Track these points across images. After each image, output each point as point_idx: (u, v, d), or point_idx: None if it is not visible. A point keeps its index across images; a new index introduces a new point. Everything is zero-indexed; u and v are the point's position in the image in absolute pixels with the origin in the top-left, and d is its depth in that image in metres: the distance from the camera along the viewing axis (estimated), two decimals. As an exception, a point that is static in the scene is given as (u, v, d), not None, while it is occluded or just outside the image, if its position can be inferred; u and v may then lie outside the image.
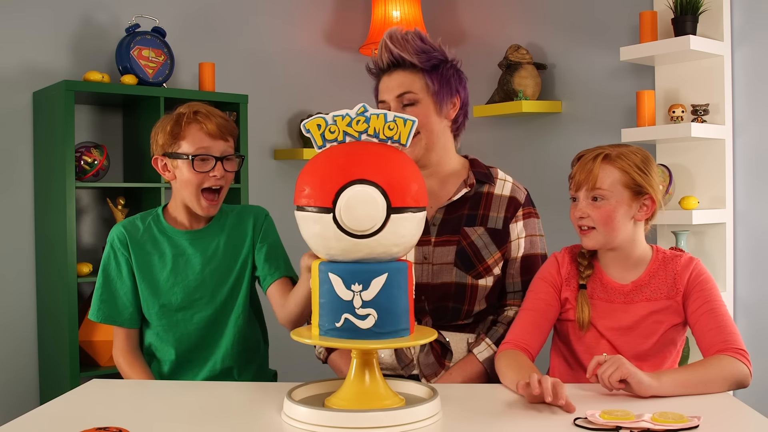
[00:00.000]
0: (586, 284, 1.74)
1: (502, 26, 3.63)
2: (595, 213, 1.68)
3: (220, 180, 1.90)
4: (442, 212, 1.91)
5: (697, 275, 1.69)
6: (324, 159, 1.40)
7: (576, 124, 3.34)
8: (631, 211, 1.69)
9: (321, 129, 1.41)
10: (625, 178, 1.67)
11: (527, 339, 1.72)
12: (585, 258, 1.76)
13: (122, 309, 1.94)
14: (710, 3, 2.77)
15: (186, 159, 1.87)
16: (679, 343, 1.73)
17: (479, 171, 1.95)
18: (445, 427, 1.37)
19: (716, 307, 1.65)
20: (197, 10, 3.49)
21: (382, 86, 1.93)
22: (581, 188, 1.70)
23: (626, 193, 1.68)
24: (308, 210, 1.38)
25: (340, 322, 1.37)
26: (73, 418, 1.43)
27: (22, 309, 3.07)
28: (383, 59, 1.91)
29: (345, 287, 1.37)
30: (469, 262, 1.87)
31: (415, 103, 1.88)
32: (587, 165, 1.69)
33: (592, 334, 1.73)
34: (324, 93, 3.86)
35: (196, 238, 1.96)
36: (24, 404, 2.96)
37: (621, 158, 1.68)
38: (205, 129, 1.87)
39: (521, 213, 1.94)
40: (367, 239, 1.36)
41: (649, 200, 1.70)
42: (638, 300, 1.71)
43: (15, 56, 3.04)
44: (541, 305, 1.76)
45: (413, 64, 1.88)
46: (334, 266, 1.38)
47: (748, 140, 2.79)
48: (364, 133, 1.41)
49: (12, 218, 3.05)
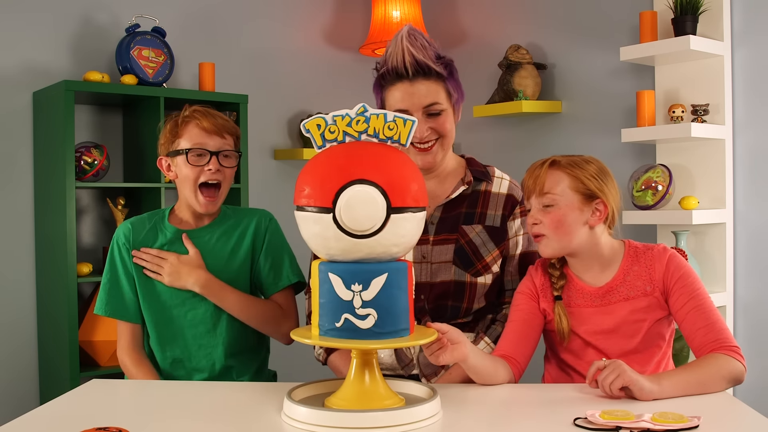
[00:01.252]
0: (561, 295, 1.73)
1: (502, 26, 3.63)
2: (546, 218, 1.67)
3: (215, 174, 1.90)
4: (440, 210, 1.91)
5: (675, 269, 1.67)
6: (324, 159, 1.40)
7: (576, 124, 3.34)
8: (583, 216, 1.67)
9: (321, 129, 1.41)
10: (575, 182, 1.66)
11: (513, 351, 1.71)
12: (556, 269, 1.75)
13: (129, 303, 1.95)
14: (710, 3, 2.77)
15: (182, 154, 1.90)
16: (668, 334, 1.72)
17: (476, 169, 1.96)
18: (445, 427, 1.37)
19: (701, 303, 1.64)
20: (197, 10, 3.49)
21: (402, 93, 1.84)
22: (531, 195, 1.70)
23: (576, 197, 1.66)
24: (308, 210, 1.38)
25: (340, 322, 1.37)
26: (73, 418, 1.43)
27: (22, 309, 3.07)
28: (406, 66, 1.82)
29: (345, 287, 1.37)
30: (467, 260, 1.87)
31: (439, 113, 1.86)
32: (535, 171, 1.69)
33: (576, 341, 1.73)
34: (324, 93, 3.86)
35: (192, 237, 1.97)
36: (24, 404, 2.96)
37: (572, 165, 1.67)
38: (201, 125, 1.90)
39: (519, 210, 1.94)
40: (367, 239, 1.36)
41: (601, 205, 1.67)
42: (615, 301, 1.69)
43: (15, 56, 3.04)
44: (525, 316, 1.75)
45: (438, 73, 1.84)
46: (334, 266, 1.38)
47: (748, 140, 2.79)
48: (363, 133, 1.41)
49: (12, 218, 3.05)
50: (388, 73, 1.85)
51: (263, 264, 1.99)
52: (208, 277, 1.91)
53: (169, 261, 1.91)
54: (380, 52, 3.77)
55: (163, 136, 1.95)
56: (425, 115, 1.84)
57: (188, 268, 1.91)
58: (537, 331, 1.76)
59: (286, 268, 2.00)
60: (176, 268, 1.91)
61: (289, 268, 2.00)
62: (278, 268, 1.99)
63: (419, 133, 1.83)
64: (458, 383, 1.71)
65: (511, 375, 1.68)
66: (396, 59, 1.83)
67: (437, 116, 1.85)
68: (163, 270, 1.91)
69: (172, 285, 1.91)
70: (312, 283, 1.43)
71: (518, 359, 1.70)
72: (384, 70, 1.86)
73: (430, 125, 1.85)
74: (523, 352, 1.72)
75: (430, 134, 1.86)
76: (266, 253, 1.99)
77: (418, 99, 1.83)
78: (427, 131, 1.85)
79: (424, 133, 1.85)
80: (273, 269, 1.99)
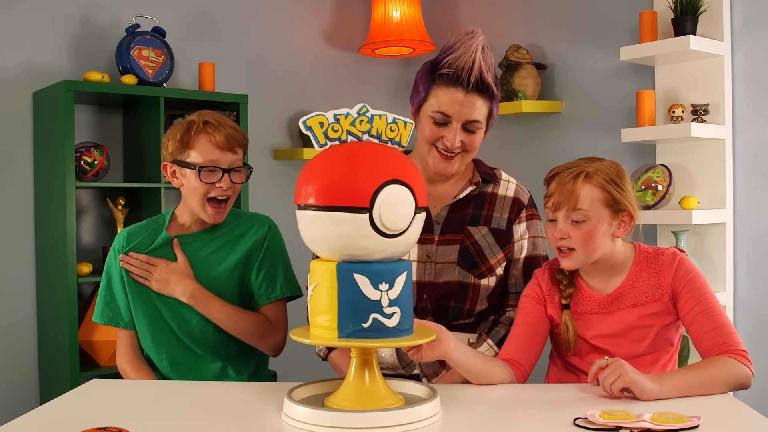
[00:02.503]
0: (569, 304, 1.72)
1: (502, 26, 3.63)
2: (576, 233, 1.64)
3: (226, 191, 1.90)
4: (446, 210, 1.91)
5: (684, 273, 1.66)
6: (350, 158, 1.38)
7: (576, 124, 3.34)
8: (611, 229, 1.66)
9: (324, 127, 1.39)
10: (605, 196, 1.64)
11: (518, 355, 1.70)
12: (565, 276, 1.73)
13: (125, 311, 1.96)
14: (710, 3, 2.77)
15: (194, 169, 1.88)
16: (675, 339, 1.72)
17: (484, 171, 1.96)
18: (445, 427, 1.37)
19: (710, 307, 1.63)
20: (197, 10, 3.49)
21: (452, 99, 1.80)
22: (561, 209, 1.66)
23: (606, 211, 1.65)
24: (339, 210, 1.34)
25: (367, 323, 1.36)
26: (73, 418, 1.43)
27: (22, 309, 3.07)
28: (471, 78, 1.78)
29: (372, 287, 1.36)
30: (472, 261, 1.87)
31: (475, 132, 1.85)
32: (567, 185, 1.64)
33: (583, 346, 1.72)
34: (324, 93, 3.86)
35: (188, 242, 1.96)
36: (24, 404, 2.96)
37: (599, 174, 1.64)
38: (214, 140, 1.87)
39: (525, 214, 1.94)
40: (394, 239, 1.37)
41: (627, 216, 1.67)
42: (624, 307, 1.68)
43: (15, 56, 3.04)
44: (531, 320, 1.75)
45: (492, 94, 1.83)
46: (359, 267, 1.36)
47: (748, 140, 2.79)
48: (366, 134, 1.41)
49: (12, 218, 3.05)
50: (447, 75, 1.81)
51: (258, 274, 1.97)
52: (196, 287, 1.91)
53: (159, 268, 1.92)
54: (380, 52, 3.77)
55: (170, 142, 1.91)
56: (462, 128, 1.83)
57: (177, 277, 1.91)
58: (543, 335, 1.75)
59: (281, 280, 1.98)
60: (165, 276, 1.91)
61: (283, 281, 1.99)
62: (273, 279, 1.98)
63: (451, 144, 1.82)
64: (459, 383, 1.71)
65: (511, 377, 1.67)
66: (464, 66, 1.79)
67: (472, 133, 1.84)
68: (152, 276, 1.91)
69: (161, 292, 1.91)
70: (323, 285, 1.39)
71: (522, 363, 1.69)
72: (447, 70, 1.81)
73: (463, 138, 1.84)
74: (528, 356, 1.71)
75: (460, 147, 1.85)
76: (262, 264, 1.97)
77: (465, 112, 1.81)
78: (459, 143, 1.84)
79: (456, 144, 1.83)
80: (267, 280, 1.97)
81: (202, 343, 1.94)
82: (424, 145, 1.87)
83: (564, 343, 1.72)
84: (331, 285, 1.37)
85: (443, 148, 1.84)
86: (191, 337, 1.93)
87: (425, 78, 1.86)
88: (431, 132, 1.84)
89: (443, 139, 1.83)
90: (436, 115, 1.82)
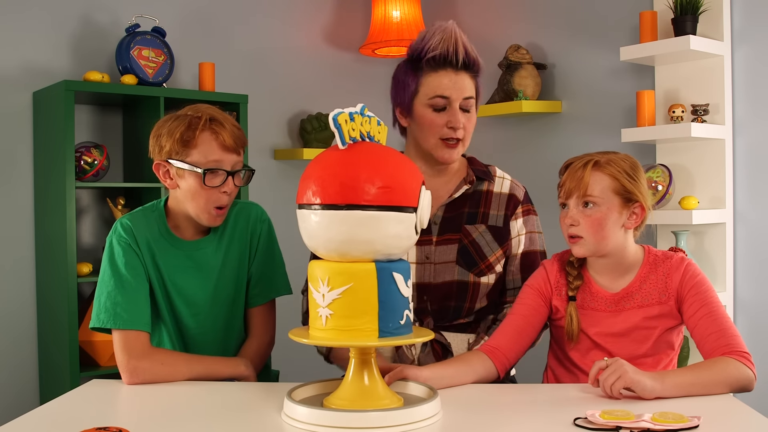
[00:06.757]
0: (575, 296, 1.73)
1: (502, 26, 3.63)
2: (586, 220, 1.66)
3: (230, 196, 1.80)
4: (442, 210, 1.91)
5: (690, 278, 1.67)
6: (384, 158, 1.38)
7: (576, 124, 3.34)
8: (621, 219, 1.67)
9: (347, 125, 1.37)
10: (615, 184, 1.66)
11: (505, 345, 1.72)
12: (574, 268, 1.74)
13: (143, 308, 1.75)
14: (710, 3, 2.77)
15: (195, 171, 1.74)
16: (676, 343, 1.72)
17: (478, 168, 1.96)
18: (445, 427, 1.37)
19: (714, 310, 1.63)
20: (197, 10, 3.49)
21: (449, 81, 1.83)
22: (572, 196, 1.68)
23: (617, 200, 1.66)
24: (389, 210, 1.34)
25: (403, 320, 1.38)
26: (73, 418, 1.43)
27: (22, 309, 3.07)
28: (458, 55, 1.82)
29: (405, 284, 1.39)
30: (471, 259, 1.87)
31: (469, 110, 1.87)
32: (577, 172, 1.67)
33: (585, 341, 1.72)
34: (324, 93, 3.86)
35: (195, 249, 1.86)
36: (24, 404, 2.97)
37: (610, 164, 1.66)
38: (220, 140, 1.74)
39: (521, 210, 1.94)
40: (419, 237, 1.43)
41: (638, 208, 1.68)
42: (629, 307, 1.69)
43: (15, 56, 3.04)
44: (527, 311, 1.75)
45: (477, 70, 1.86)
46: (395, 265, 1.38)
47: (748, 140, 2.79)
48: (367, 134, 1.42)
49: (12, 218, 3.05)
50: (434, 59, 1.83)
51: (253, 273, 1.90)
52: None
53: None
54: (380, 52, 3.77)
55: (167, 140, 1.74)
56: (461, 109, 1.85)
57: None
58: (536, 328, 1.76)
59: (275, 280, 1.92)
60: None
61: (279, 280, 1.93)
62: (268, 279, 1.91)
63: (457, 122, 1.83)
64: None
65: (490, 369, 1.68)
66: (448, 47, 1.82)
67: (468, 112, 1.86)
68: None
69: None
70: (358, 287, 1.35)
71: (507, 354, 1.71)
72: (431, 56, 1.82)
73: (462, 119, 1.85)
74: (515, 348, 1.72)
75: (462, 128, 1.86)
76: (258, 261, 1.90)
77: (461, 90, 1.84)
78: (461, 124, 1.85)
79: (462, 122, 1.84)
80: (262, 280, 1.90)
81: (203, 344, 1.92)
82: (427, 138, 1.87)
83: (567, 334, 1.72)
84: (369, 286, 1.35)
85: (451, 128, 1.84)
86: (191, 337, 1.92)
87: (410, 72, 1.87)
88: (432, 120, 1.84)
89: (448, 122, 1.84)
90: (435, 101, 1.83)
